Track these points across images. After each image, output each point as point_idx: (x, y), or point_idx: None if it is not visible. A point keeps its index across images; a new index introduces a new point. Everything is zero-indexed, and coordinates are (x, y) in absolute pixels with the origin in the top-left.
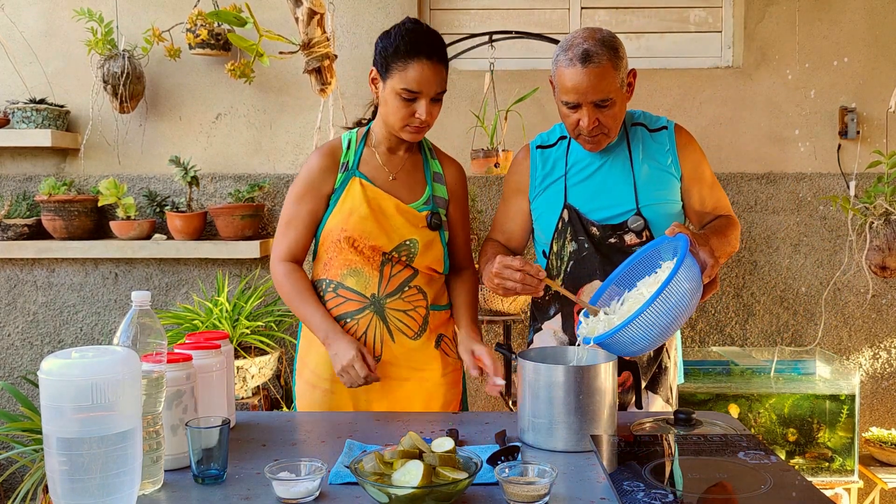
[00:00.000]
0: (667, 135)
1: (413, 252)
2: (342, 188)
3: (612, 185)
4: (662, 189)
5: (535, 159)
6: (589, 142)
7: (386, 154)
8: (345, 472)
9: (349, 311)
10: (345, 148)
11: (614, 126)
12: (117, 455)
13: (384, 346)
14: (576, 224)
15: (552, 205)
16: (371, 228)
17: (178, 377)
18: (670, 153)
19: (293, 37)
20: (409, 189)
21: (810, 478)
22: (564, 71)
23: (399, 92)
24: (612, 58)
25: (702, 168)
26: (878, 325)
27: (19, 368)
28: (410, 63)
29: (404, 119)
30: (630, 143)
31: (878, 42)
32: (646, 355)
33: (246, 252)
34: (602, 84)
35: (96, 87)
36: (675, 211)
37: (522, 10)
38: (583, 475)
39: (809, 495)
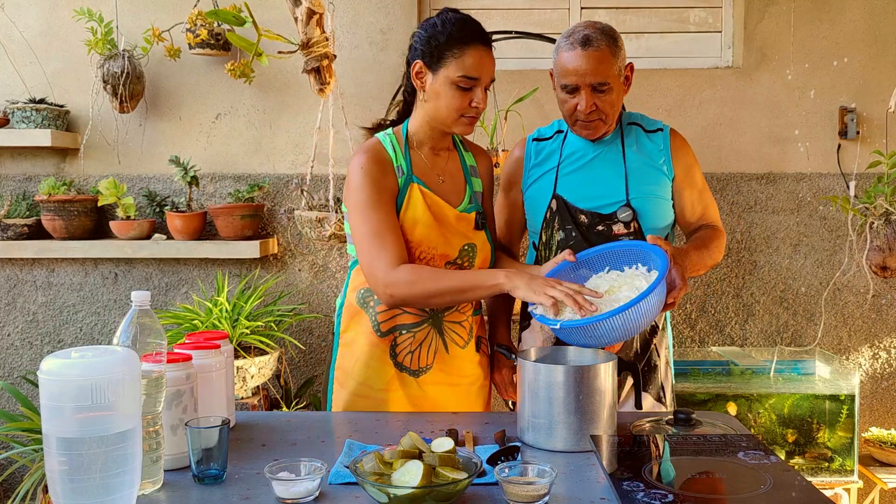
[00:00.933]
0: (662, 136)
1: (473, 256)
2: (403, 195)
3: (603, 176)
4: (653, 184)
5: (530, 151)
6: (585, 127)
7: (431, 155)
8: (345, 472)
9: (405, 323)
10: (391, 152)
11: (611, 113)
12: (117, 455)
13: (437, 358)
14: (563, 213)
15: (542, 195)
16: (436, 238)
17: (177, 377)
18: (664, 154)
19: (292, 36)
20: (455, 191)
21: (810, 478)
22: (564, 55)
23: (456, 80)
24: (611, 45)
25: (693, 172)
26: (877, 325)
27: (19, 368)
28: (467, 49)
29: (460, 109)
30: (624, 138)
31: (878, 42)
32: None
33: (246, 252)
34: (600, 67)
35: (96, 87)
36: (664, 207)
37: (522, 10)
38: (583, 475)
39: (809, 495)
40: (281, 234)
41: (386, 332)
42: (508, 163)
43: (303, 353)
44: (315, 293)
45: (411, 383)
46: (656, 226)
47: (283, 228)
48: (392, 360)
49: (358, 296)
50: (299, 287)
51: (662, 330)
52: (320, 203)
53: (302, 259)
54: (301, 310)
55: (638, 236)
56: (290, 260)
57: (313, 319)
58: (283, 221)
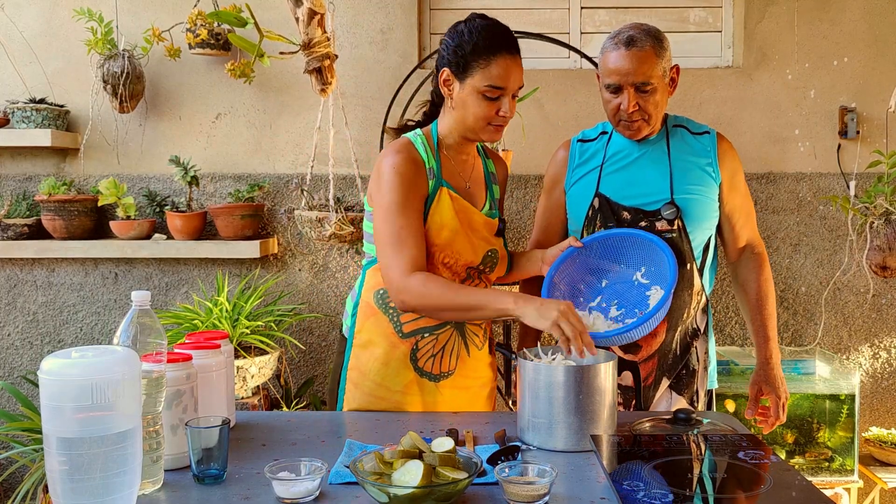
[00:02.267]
0: (709, 139)
1: (495, 262)
2: (432, 198)
3: (648, 175)
4: (698, 184)
5: (574, 152)
6: (628, 128)
7: (459, 160)
8: (345, 472)
9: (428, 326)
10: (422, 152)
11: (655, 114)
12: (117, 455)
13: (458, 361)
14: (605, 211)
15: (584, 194)
16: (461, 243)
17: (178, 377)
18: (711, 157)
19: (293, 37)
20: (478, 195)
21: (810, 478)
22: (609, 55)
23: (483, 90)
24: (655, 45)
25: (738, 178)
26: (878, 324)
27: (19, 368)
28: (494, 59)
29: (487, 118)
30: (669, 139)
31: (878, 42)
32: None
33: (246, 252)
34: (644, 67)
35: (96, 87)
36: (709, 207)
37: (522, 10)
38: (583, 475)
39: (809, 495)
40: (281, 234)
41: (408, 333)
42: (552, 164)
43: (303, 352)
44: (315, 293)
45: (430, 389)
46: (700, 225)
47: (284, 228)
48: (412, 365)
49: (376, 296)
50: (299, 287)
51: (704, 334)
52: (320, 203)
53: (302, 259)
54: (301, 310)
55: (682, 235)
56: (291, 260)
57: (313, 319)
58: (283, 221)
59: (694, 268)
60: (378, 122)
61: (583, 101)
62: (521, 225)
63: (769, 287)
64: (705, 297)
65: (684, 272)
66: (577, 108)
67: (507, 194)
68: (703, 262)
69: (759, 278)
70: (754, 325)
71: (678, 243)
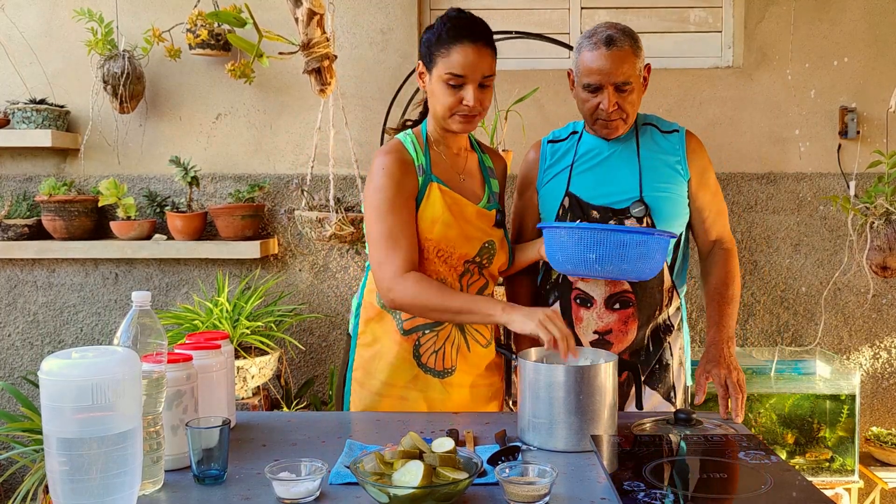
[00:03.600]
0: (677, 137)
1: (492, 254)
2: (422, 194)
3: (617, 174)
4: (667, 181)
5: (545, 152)
6: (606, 126)
7: (450, 154)
8: (345, 472)
9: (428, 322)
10: (411, 150)
11: (632, 112)
12: (117, 455)
13: (459, 357)
14: (575, 209)
15: (555, 193)
16: (455, 236)
17: (178, 377)
18: (679, 155)
19: (293, 37)
20: (474, 189)
21: (810, 478)
22: (588, 55)
23: (445, 78)
24: (633, 45)
25: (708, 175)
26: (878, 324)
27: (19, 368)
28: (454, 47)
29: (452, 107)
30: (639, 138)
31: (878, 42)
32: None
33: (246, 252)
34: (624, 67)
35: (96, 88)
36: (679, 205)
37: (522, 10)
38: (583, 475)
39: (809, 495)
40: (281, 235)
41: (409, 330)
42: (524, 165)
43: (303, 353)
44: (315, 293)
45: (434, 385)
46: (669, 223)
47: (284, 229)
48: (416, 361)
49: (378, 296)
50: (300, 287)
51: (678, 329)
52: (321, 203)
53: (302, 259)
54: (301, 310)
55: None
56: (291, 260)
57: (314, 320)
58: (283, 221)
59: (664, 265)
60: (378, 123)
61: None
62: None
63: (732, 277)
64: (677, 294)
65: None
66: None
67: (507, 194)
68: (673, 259)
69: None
70: (709, 308)
71: None
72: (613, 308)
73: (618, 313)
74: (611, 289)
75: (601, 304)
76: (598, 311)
